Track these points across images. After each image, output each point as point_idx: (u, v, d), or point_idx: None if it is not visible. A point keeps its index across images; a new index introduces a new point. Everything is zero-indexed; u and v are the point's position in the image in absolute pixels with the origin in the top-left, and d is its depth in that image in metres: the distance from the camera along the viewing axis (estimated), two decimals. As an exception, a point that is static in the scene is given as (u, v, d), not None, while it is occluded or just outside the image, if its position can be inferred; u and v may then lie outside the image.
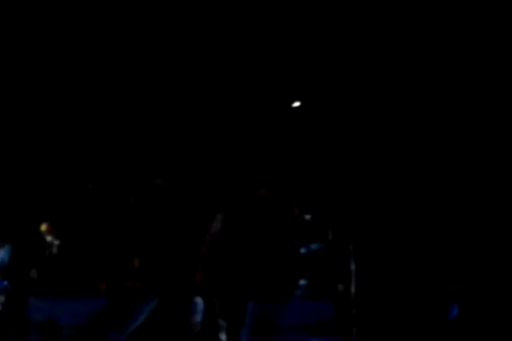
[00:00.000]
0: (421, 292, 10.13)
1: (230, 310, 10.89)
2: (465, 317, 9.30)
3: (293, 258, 12.61)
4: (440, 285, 10.34)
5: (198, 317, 10.02)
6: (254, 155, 14.28)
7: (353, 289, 8.75)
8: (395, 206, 12.24)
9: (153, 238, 11.88)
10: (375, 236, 12.00)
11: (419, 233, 10.94)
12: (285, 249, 12.78)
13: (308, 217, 12.76)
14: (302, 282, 12.12)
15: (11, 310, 8.83)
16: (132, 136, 14.44)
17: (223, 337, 9.48)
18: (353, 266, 8.80)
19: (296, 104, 13.90)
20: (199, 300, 10.08)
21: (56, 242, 11.63)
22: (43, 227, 11.53)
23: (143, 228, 12.22)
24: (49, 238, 11.42)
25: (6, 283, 10.78)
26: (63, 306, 9.88)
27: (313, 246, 12.27)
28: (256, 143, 14.15)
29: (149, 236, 12.08)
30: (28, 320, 8.85)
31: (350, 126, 13.51)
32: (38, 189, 13.42)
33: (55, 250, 11.62)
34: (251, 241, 12.93)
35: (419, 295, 10.26)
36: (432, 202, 11.83)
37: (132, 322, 10.30)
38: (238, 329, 9.92)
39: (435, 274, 10.40)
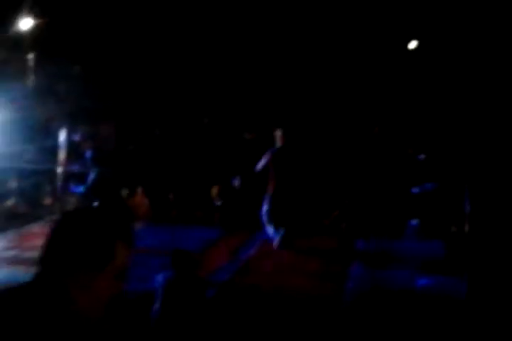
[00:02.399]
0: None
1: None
2: None
3: (404, 197, 12.53)
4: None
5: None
6: (370, 95, 14.12)
7: (466, 231, 8.63)
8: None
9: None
10: (494, 178, 11.79)
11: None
12: (396, 188, 12.71)
13: (422, 156, 12.61)
14: (414, 221, 12.07)
15: None
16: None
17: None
18: (467, 208, 8.65)
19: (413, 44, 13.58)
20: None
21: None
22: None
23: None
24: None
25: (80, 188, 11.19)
26: (180, 234, 10.17)
27: (427, 186, 12.14)
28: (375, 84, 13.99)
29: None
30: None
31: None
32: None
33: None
34: (362, 179, 12.94)
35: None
36: None
37: (244, 252, 10.53)
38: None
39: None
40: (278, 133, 10.69)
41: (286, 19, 13.93)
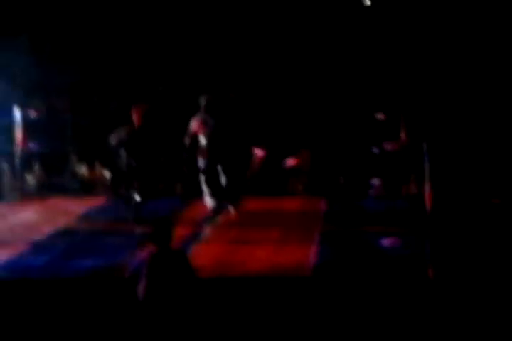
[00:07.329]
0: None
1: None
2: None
3: (364, 157, 12.56)
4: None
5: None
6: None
7: (427, 189, 8.68)
8: (473, 107, 12.07)
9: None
10: (450, 135, 11.88)
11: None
12: (356, 148, 12.73)
13: (381, 116, 12.60)
14: (375, 181, 12.13)
15: None
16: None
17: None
18: (426, 166, 8.70)
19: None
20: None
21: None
22: None
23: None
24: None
25: None
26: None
27: (387, 146, 12.17)
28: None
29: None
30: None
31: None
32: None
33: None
34: (319, 140, 12.94)
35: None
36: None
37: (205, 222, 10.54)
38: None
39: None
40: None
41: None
